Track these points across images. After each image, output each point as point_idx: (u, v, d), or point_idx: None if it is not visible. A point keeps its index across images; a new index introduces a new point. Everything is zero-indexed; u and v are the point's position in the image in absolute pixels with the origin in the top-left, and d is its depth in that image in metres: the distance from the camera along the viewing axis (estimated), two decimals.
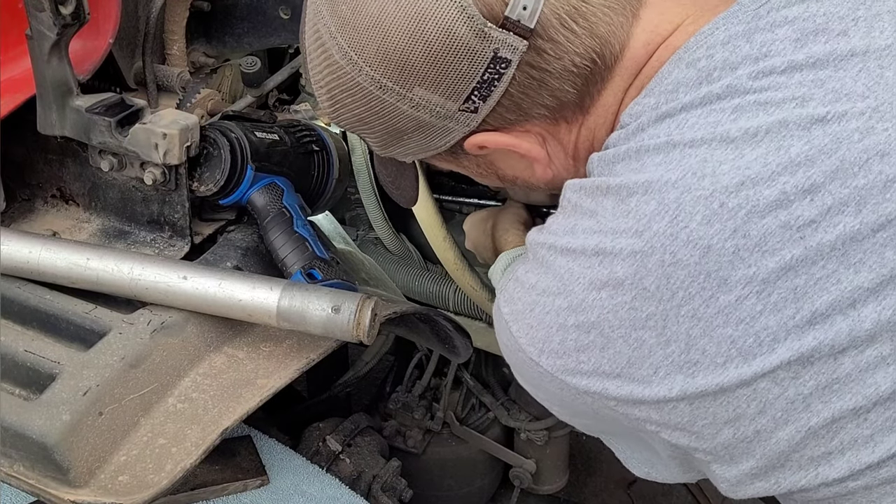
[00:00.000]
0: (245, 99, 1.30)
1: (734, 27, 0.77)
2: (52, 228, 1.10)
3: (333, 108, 0.89)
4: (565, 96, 0.82)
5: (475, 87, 0.80)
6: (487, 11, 0.77)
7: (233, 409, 0.92)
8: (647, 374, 0.74)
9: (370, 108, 0.85)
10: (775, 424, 0.72)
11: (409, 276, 1.59)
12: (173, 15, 1.24)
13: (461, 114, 0.83)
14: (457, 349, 1.29)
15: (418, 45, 0.78)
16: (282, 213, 1.05)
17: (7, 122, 1.03)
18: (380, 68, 0.81)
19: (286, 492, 1.19)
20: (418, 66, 0.79)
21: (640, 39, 0.82)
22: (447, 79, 0.80)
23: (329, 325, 0.92)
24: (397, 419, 1.80)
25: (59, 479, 0.84)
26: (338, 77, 0.84)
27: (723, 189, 0.69)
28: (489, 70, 0.79)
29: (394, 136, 0.88)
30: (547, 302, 0.78)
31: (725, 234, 0.69)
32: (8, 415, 0.86)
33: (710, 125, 0.72)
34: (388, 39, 0.79)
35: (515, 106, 0.82)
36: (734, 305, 0.69)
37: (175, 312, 0.96)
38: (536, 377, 0.83)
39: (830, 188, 0.68)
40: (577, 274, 0.75)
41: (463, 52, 0.78)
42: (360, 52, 0.81)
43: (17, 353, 0.92)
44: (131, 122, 1.00)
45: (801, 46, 0.74)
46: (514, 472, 1.81)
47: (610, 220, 0.74)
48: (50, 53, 0.94)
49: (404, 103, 0.83)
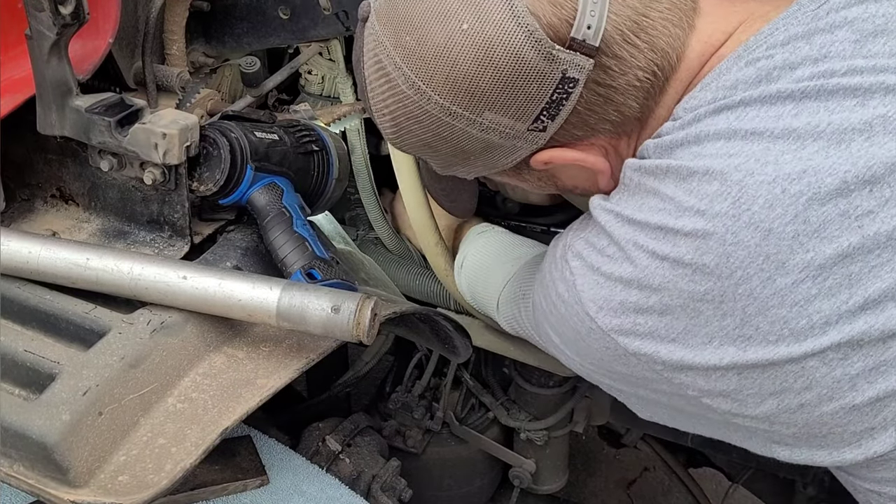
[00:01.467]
0: (244, 99, 1.30)
1: (794, 28, 0.79)
2: (51, 228, 1.10)
3: (398, 135, 0.90)
4: (629, 111, 0.84)
5: (544, 108, 0.82)
6: (554, 34, 0.78)
7: (232, 409, 0.92)
8: (701, 342, 0.77)
9: (438, 133, 0.86)
10: (820, 400, 0.75)
11: (408, 276, 1.59)
12: (173, 15, 1.24)
13: (530, 133, 0.84)
14: (456, 349, 1.29)
15: (487, 72, 0.80)
16: (281, 212, 1.05)
17: (7, 122, 1.03)
18: (449, 96, 0.82)
19: (286, 492, 1.19)
20: (488, 91, 0.81)
21: (695, 50, 0.84)
22: (517, 102, 0.81)
23: (329, 325, 0.92)
24: (397, 419, 1.80)
25: (59, 479, 0.84)
26: (404, 106, 0.85)
27: (785, 176, 0.72)
28: (557, 90, 0.80)
29: (459, 158, 0.90)
30: (613, 266, 0.80)
31: (786, 219, 0.71)
32: (8, 415, 0.85)
33: (771, 119, 0.74)
34: (456, 68, 0.80)
35: (582, 122, 0.84)
36: (790, 288, 0.72)
37: (175, 312, 0.96)
38: (583, 333, 0.85)
39: (889, 180, 0.70)
40: (642, 244, 0.78)
41: (532, 75, 0.79)
42: (427, 82, 0.82)
43: (16, 353, 0.92)
44: (131, 122, 1.00)
45: (860, 48, 0.75)
46: (514, 471, 1.81)
47: (672, 198, 0.77)
48: (49, 53, 0.94)
49: (474, 127, 0.84)
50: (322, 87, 1.53)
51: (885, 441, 0.75)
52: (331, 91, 1.52)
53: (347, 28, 1.23)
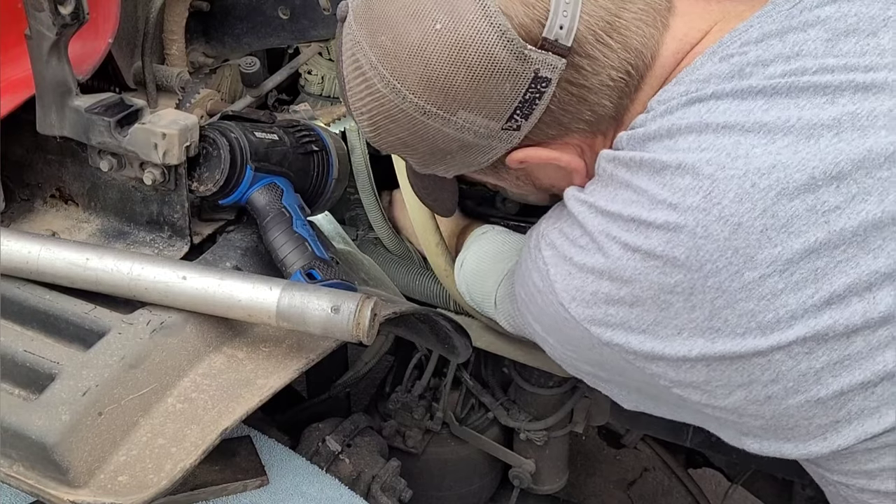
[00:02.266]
0: (244, 99, 1.30)
1: (768, 26, 0.79)
2: (51, 228, 1.10)
3: (376, 134, 0.91)
4: (603, 110, 0.85)
5: (517, 107, 0.82)
6: (525, 34, 0.79)
7: (232, 409, 0.92)
8: (670, 333, 0.78)
9: (414, 132, 0.87)
10: (786, 393, 0.76)
11: (408, 276, 1.59)
12: (173, 15, 1.24)
13: (504, 132, 0.85)
14: (456, 349, 1.29)
15: (461, 71, 0.81)
16: (281, 213, 1.05)
17: (7, 122, 1.03)
18: (424, 95, 0.83)
19: (286, 492, 1.19)
20: (461, 90, 0.82)
21: (669, 48, 0.85)
22: (490, 101, 0.82)
23: (328, 325, 0.92)
24: (397, 419, 1.80)
25: (59, 479, 0.84)
26: (381, 105, 0.86)
27: (755, 170, 0.72)
28: (530, 90, 0.81)
29: (437, 157, 0.90)
30: (585, 256, 0.81)
31: (755, 213, 0.72)
32: (7, 415, 0.85)
33: (742, 113, 0.75)
34: (430, 67, 0.81)
35: (556, 122, 0.85)
36: (757, 282, 0.73)
37: (174, 312, 0.96)
38: (560, 322, 0.86)
39: (856, 177, 0.71)
40: (614, 235, 0.79)
41: (504, 74, 0.80)
42: (402, 81, 0.83)
43: (16, 353, 0.92)
44: (130, 122, 1.00)
45: (831, 46, 0.76)
46: (514, 472, 1.81)
47: (645, 191, 0.77)
48: (49, 53, 0.94)
49: (448, 126, 0.85)
50: (322, 87, 1.53)
51: (849, 435, 0.76)
52: (331, 91, 1.52)
53: None
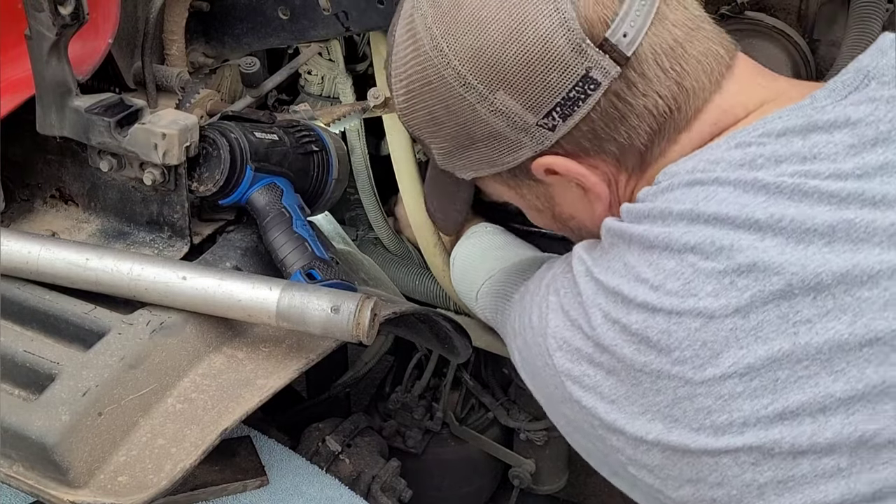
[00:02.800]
0: (244, 99, 1.30)
1: (794, 121, 0.77)
2: (51, 229, 1.10)
3: (408, 103, 0.89)
4: (638, 139, 0.83)
5: (559, 103, 0.81)
6: (588, 28, 0.78)
7: (232, 409, 0.92)
8: (635, 411, 0.77)
9: (447, 105, 0.85)
10: (730, 500, 0.74)
11: (408, 276, 1.59)
12: (172, 15, 1.24)
13: (537, 129, 0.83)
14: (456, 349, 1.29)
15: (513, 48, 0.79)
16: (281, 213, 1.05)
17: (7, 122, 1.03)
18: (468, 64, 0.81)
19: (286, 492, 1.19)
20: (508, 68, 0.80)
21: (711, 114, 0.83)
22: (534, 88, 0.80)
23: (328, 326, 0.92)
24: (397, 419, 1.80)
25: (59, 479, 0.84)
26: (423, 69, 0.84)
27: (736, 267, 0.72)
28: (577, 87, 0.79)
29: (462, 143, 0.88)
30: (577, 314, 0.81)
31: (727, 311, 0.71)
32: (7, 415, 0.85)
33: (738, 205, 0.74)
34: (483, 36, 0.80)
35: (592, 134, 0.83)
36: (718, 380, 0.72)
37: (174, 313, 0.96)
38: (540, 367, 0.86)
39: (835, 292, 0.69)
40: (601, 304, 0.79)
41: (556, 63, 0.79)
42: (451, 45, 0.81)
43: (16, 353, 0.92)
44: (130, 123, 1.00)
45: (853, 154, 0.74)
46: (514, 472, 1.81)
47: (633, 267, 0.77)
48: (49, 54, 0.94)
49: (484, 105, 0.83)
50: (322, 87, 1.53)
51: None
52: (330, 91, 1.52)
53: (347, 28, 1.23)
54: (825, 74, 1.23)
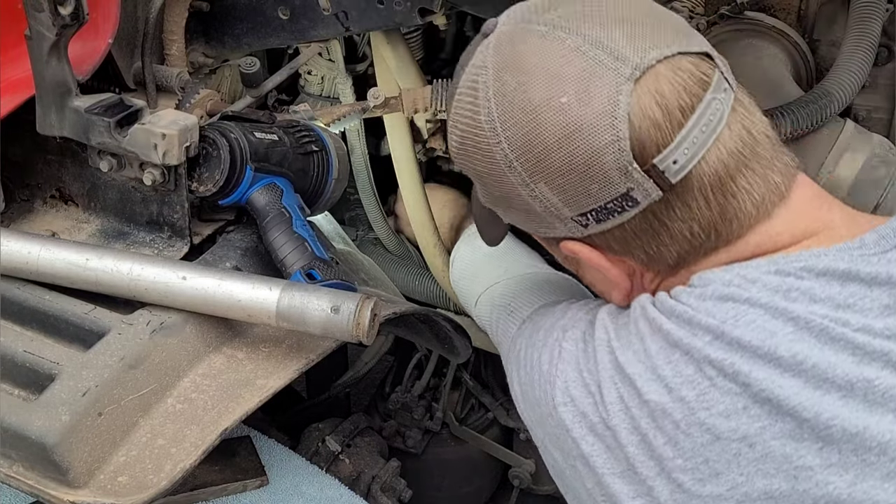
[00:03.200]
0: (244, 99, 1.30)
1: (837, 263, 0.77)
2: (51, 229, 1.10)
3: (459, 151, 0.89)
4: (668, 254, 0.83)
5: (595, 210, 0.80)
6: (639, 151, 0.77)
7: (232, 409, 0.92)
8: (628, 492, 0.78)
9: (491, 174, 0.85)
10: None
11: (408, 276, 1.59)
12: (172, 15, 1.24)
13: (571, 222, 0.83)
14: (456, 349, 1.29)
15: (561, 152, 0.78)
16: (281, 213, 1.05)
17: (7, 123, 1.03)
18: (517, 151, 0.81)
19: (286, 492, 1.19)
20: (553, 167, 0.79)
21: (755, 238, 0.82)
22: (574, 191, 0.80)
23: (328, 326, 0.92)
24: (397, 419, 1.80)
25: (59, 479, 0.84)
26: (475, 135, 0.84)
27: (751, 395, 0.73)
28: (615, 202, 0.79)
29: (502, 203, 0.89)
30: (591, 379, 0.82)
31: (736, 436, 0.72)
32: (7, 415, 0.85)
33: (765, 332, 0.74)
34: (537, 131, 0.79)
35: (623, 240, 0.83)
36: (715, 499, 0.73)
37: (174, 313, 0.96)
38: (543, 411, 0.87)
39: (843, 448, 0.70)
40: (616, 382, 0.80)
41: (599, 176, 0.78)
42: (505, 127, 0.81)
43: (16, 353, 0.92)
44: (130, 123, 0.99)
45: (886, 315, 0.75)
46: (514, 472, 1.81)
47: (653, 358, 0.78)
48: (49, 54, 0.94)
49: (525, 188, 0.83)
50: (322, 87, 1.53)
51: None
52: (330, 91, 1.52)
53: (347, 28, 1.23)
54: (825, 74, 1.23)
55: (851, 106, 1.29)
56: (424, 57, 1.54)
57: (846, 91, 1.17)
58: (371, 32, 1.32)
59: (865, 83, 1.23)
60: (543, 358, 0.88)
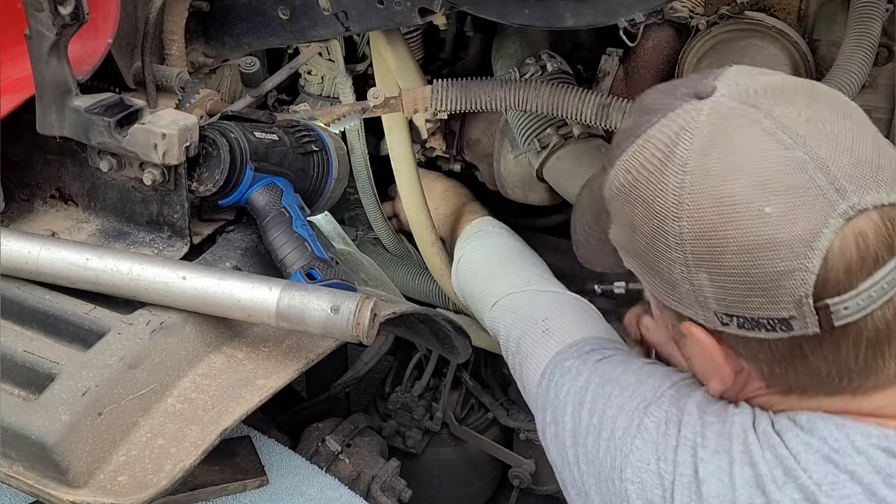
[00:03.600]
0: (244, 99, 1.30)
1: None
2: (51, 229, 1.10)
3: (618, 194, 0.83)
4: (793, 380, 0.81)
5: (746, 318, 0.77)
6: (820, 287, 0.73)
7: (232, 409, 0.92)
8: None
9: (649, 235, 0.80)
10: None
11: (408, 275, 1.59)
12: (172, 15, 1.23)
13: (712, 314, 0.79)
14: (456, 349, 1.29)
15: (743, 257, 0.74)
16: (281, 213, 1.05)
17: (7, 122, 1.03)
18: (693, 234, 0.76)
19: (285, 492, 1.19)
20: (724, 267, 0.75)
21: (881, 399, 0.80)
22: (733, 295, 0.76)
23: (328, 326, 0.92)
24: (396, 419, 1.80)
25: (59, 479, 0.84)
26: (653, 194, 0.79)
27: None
28: (770, 321, 0.76)
29: (640, 259, 0.85)
30: (668, 474, 0.82)
31: None
32: (7, 415, 0.85)
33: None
34: (725, 227, 0.74)
35: (752, 350, 0.80)
36: None
37: (174, 313, 0.96)
38: (604, 475, 0.87)
39: None
40: (690, 491, 0.80)
41: (768, 295, 0.75)
42: (692, 208, 0.76)
43: (16, 353, 0.92)
44: (130, 123, 0.99)
45: None
46: (514, 472, 1.81)
47: (736, 490, 0.77)
48: (49, 54, 0.94)
49: (680, 267, 0.79)
50: (322, 87, 1.53)
51: None
52: (330, 91, 1.52)
53: (347, 28, 1.23)
54: (825, 74, 1.23)
55: None
56: (424, 57, 1.54)
57: (846, 91, 1.17)
58: (371, 32, 1.32)
59: (865, 83, 1.23)
60: (619, 422, 0.87)
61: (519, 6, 1.09)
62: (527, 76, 1.39)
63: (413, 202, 1.40)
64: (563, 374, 1.00)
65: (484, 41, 1.57)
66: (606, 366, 0.97)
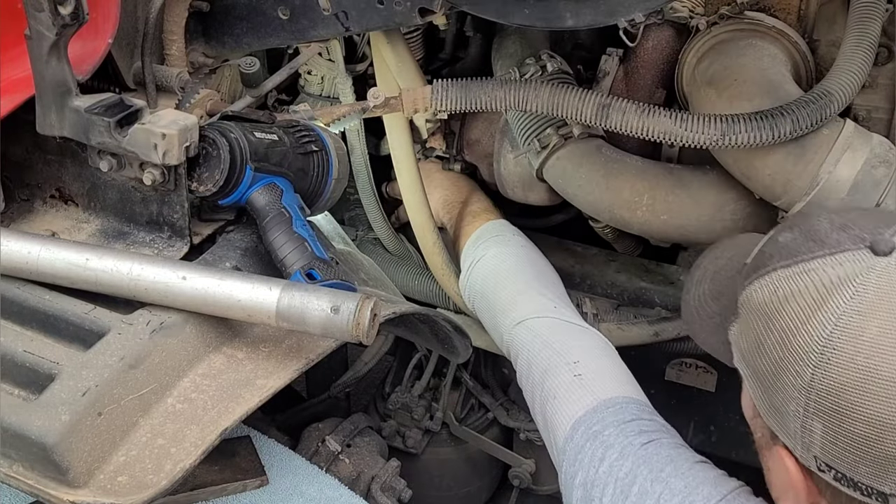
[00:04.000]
0: (244, 99, 1.30)
1: None
2: (51, 229, 1.10)
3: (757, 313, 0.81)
4: None
5: (846, 477, 0.76)
6: None
7: (232, 409, 0.92)
8: None
9: (776, 365, 0.78)
10: None
11: (408, 276, 1.59)
12: (172, 15, 1.23)
13: (812, 457, 0.78)
14: (456, 349, 1.29)
15: (868, 428, 0.73)
16: (281, 213, 1.05)
17: (7, 122, 1.03)
18: (824, 387, 0.74)
19: (285, 492, 1.19)
20: (843, 429, 0.74)
21: None
22: (842, 454, 0.75)
23: (328, 326, 0.92)
24: (396, 419, 1.80)
25: (59, 479, 0.84)
26: (793, 329, 0.76)
27: None
28: (868, 490, 0.75)
29: (757, 378, 0.83)
30: None
31: None
32: (7, 415, 0.85)
33: None
34: (861, 396, 0.72)
35: (838, 499, 0.79)
36: None
37: (174, 313, 0.96)
38: None
39: None
40: None
41: (879, 467, 0.73)
42: (831, 364, 0.74)
43: (16, 353, 0.92)
44: (130, 123, 0.99)
45: None
46: (514, 472, 1.81)
47: None
48: (49, 54, 0.94)
49: (797, 407, 0.77)
50: (322, 87, 1.53)
51: None
52: (330, 91, 1.52)
53: (347, 28, 1.23)
54: (825, 74, 1.23)
55: (851, 106, 1.29)
56: (424, 57, 1.54)
57: (846, 91, 1.17)
58: (371, 32, 1.32)
59: (865, 83, 1.23)
60: None
61: (519, 6, 1.09)
62: (527, 76, 1.39)
63: (414, 202, 1.39)
64: (601, 443, 0.98)
65: (484, 41, 1.58)
66: (654, 457, 0.95)
